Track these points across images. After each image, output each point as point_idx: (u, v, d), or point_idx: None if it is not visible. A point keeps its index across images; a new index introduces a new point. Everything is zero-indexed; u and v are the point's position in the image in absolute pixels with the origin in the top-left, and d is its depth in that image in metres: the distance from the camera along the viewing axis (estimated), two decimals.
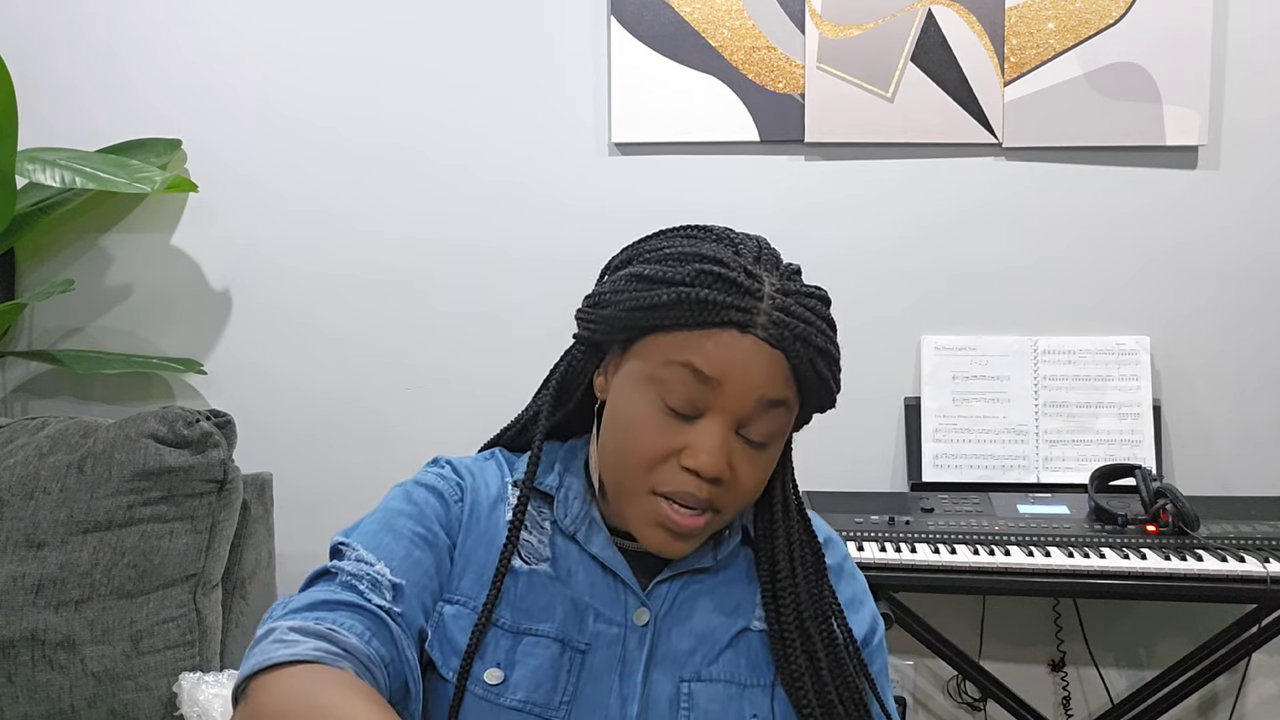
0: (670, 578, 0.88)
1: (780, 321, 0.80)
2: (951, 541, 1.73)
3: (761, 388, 0.80)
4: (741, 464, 0.82)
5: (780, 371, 0.81)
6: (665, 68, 2.05)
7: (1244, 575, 1.61)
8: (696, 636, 0.87)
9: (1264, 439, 2.02)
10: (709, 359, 0.79)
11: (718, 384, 0.79)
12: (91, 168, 1.90)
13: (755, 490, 0.84)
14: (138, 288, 2.23)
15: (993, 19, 2.00)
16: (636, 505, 0.83)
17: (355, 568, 0.80)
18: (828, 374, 0.83)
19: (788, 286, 0.82)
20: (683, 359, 0.80)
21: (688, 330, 0.80)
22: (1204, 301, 2.02)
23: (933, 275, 2.07)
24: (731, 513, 0.84)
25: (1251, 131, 1.99)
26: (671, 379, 0.80)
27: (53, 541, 1.61)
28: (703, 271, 0.80)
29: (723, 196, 2.08)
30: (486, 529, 0.88)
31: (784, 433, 0.85)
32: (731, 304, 0.79)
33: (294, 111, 2.16)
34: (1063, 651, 2.05)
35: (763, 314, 0.80)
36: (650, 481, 0.81)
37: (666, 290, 0.80)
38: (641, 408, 0.82)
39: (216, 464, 1.67)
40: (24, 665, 1.58)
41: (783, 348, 0.80)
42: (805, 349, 0.81)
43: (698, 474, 0.80)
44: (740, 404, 0.80)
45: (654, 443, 0.81)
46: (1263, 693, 2.05)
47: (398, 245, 2.16)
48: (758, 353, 0.80)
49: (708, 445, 0.80)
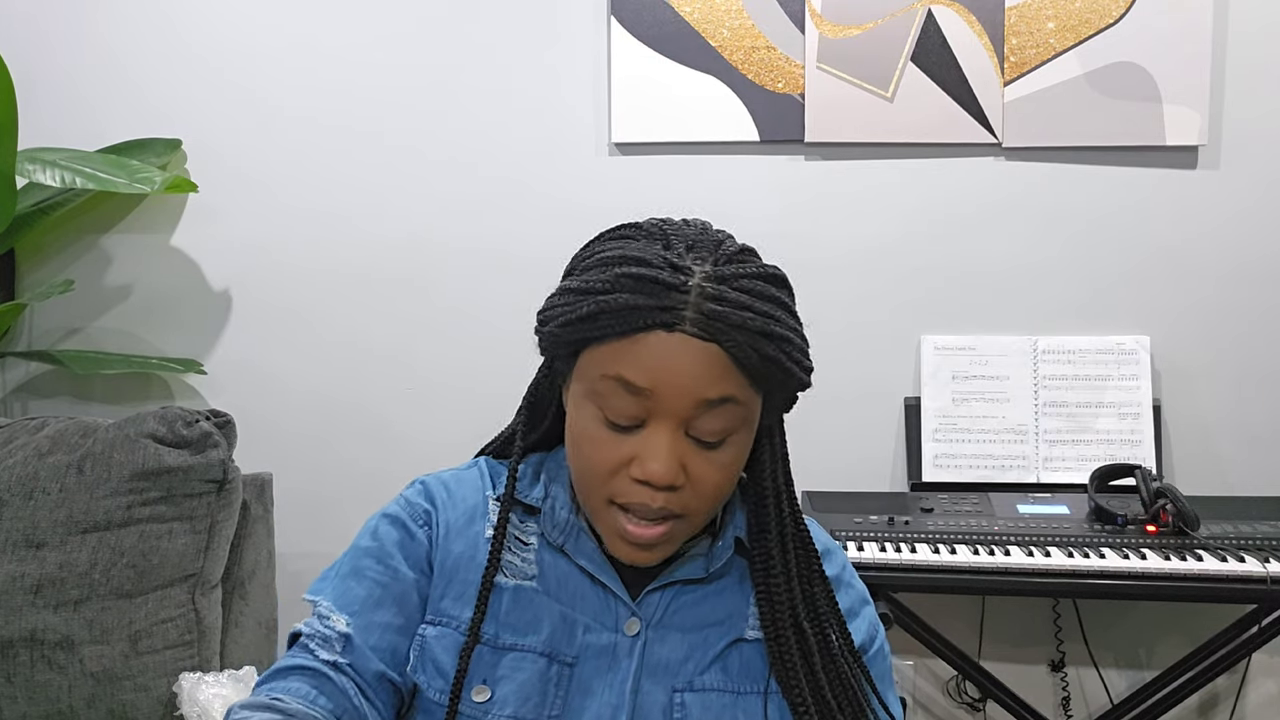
0: (662, 586, 0.87)
1: (711, 313, 0.76)
2: (951, 541, 1.73)
3: (698, 389, 0.76)
4: (697, 465, 0.79)
5: (718, 367, 0.76)
6: (665, 68, 2.05)
7: (1244, 575, 1.61)
8: (688, 645, 0.85)
9: (1264, 439, 2.02)
10: (637, 368, 0.76)
11: (651, 392, 0.76)
12: (91, 168, 1.90)
13: (719, 489, 0.81)
14: (138, 288, 2.23)
15: (993, 19, 2.00)
16: (599, 518, 0.82)
17: (312, 626, 0.84)
18: (778, 355, 0.78)
19: (722, 272, 0.78)
20: (613, 372, 0.77)
21: (616, 339, 0.77)
22: (1204, 301, 2.02)
23: (933, 275, 2.07)
24: (701, 515, 0.82)
25: (1251, 131, 1.99)
26: (607, 392, 0.78)
27: (52, 541, 1.60)
28: (623, 275, 0.77)
29: (723, 196, 2.08)
30: (465, 546, 0.88)
31: (742, 428, 0.80)
32: (653, 305, 0.76)
33: (294, 111, 2.16)
34: (1063, 651, 2.05)
35: (690, 308, 0.76)
36: (607, 493, 0.80)
37: (589, 301, 0.77)
38: (587, 423, 0.80)
39: (216, 464, 1.67)
40: (23, 665, 1.58)
41: (716, 340, 0.76)
42: (743, 336, 0.76)
43: (648, 483, 0.78)
44: (679, 408, 0.77)
45: (603, 457, 0.79)
46: (1263, 693, 2.05)
47: (398, 245, 2.16)
48: (687, 351, 0.76)
49: (653, 454, 0.77)
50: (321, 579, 0.88)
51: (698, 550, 0.88)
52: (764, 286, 0.79)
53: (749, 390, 0.79)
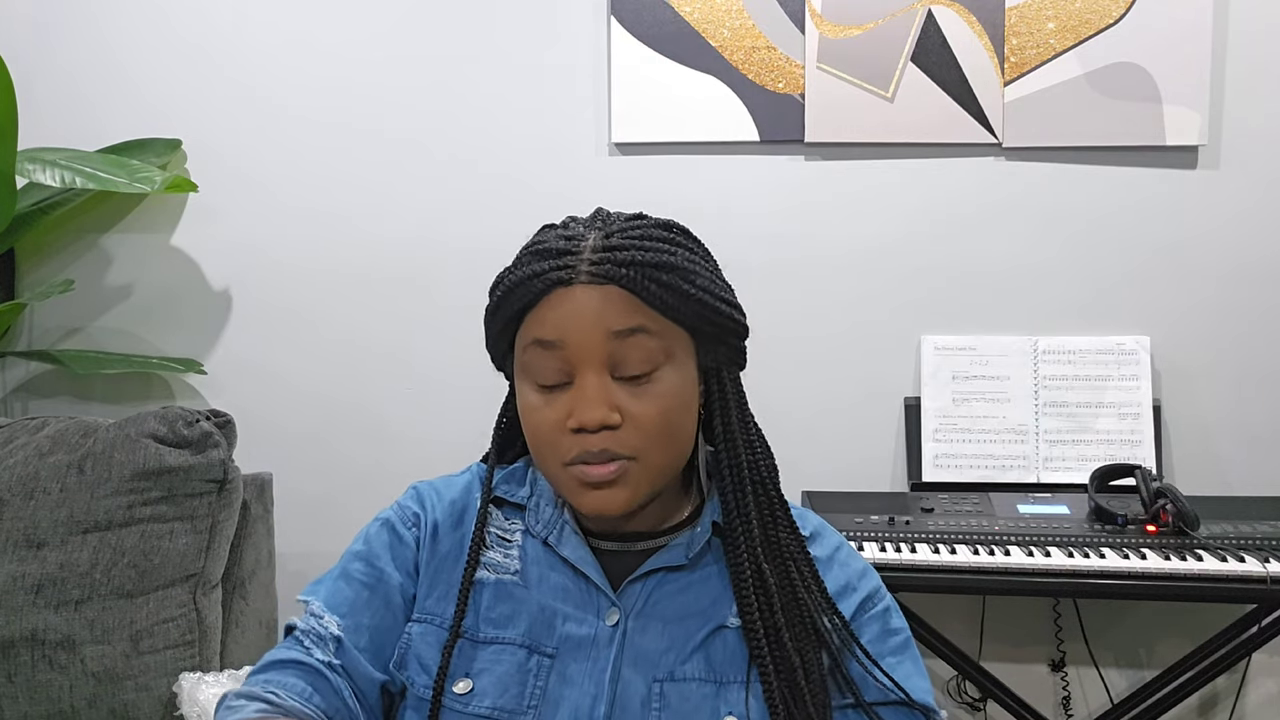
0: (643, 576, 0.88)
1: (601, 259, 0.82)
2: (951, 541, 1.73)
3: (601, 323, 0.81)
4: (629, 402, 0.82)
5: (618, 302, 0.82)
6: (665, 68, 2.05)
7: (1244, 575, 1.61)
8: (669, 636, 0.86)
9: (1264, 439, 2.02)
10: (545, 325, 0.82)
11: (563, 343, 0.82)
12: (91, 168, 1.90)
13: (659, 424, 0.83)
14: (138, 288, 2.23)
15: (993, 19, 2.00)
16: (561, 485, 0.85)
17: (307, 624, 0.87)
18: (677, 283, 0.82)
19: (611, 229, 0.85)
20: (529, 339, 0.84)
21: (528, 312, 0.84)
22: (1204, 301, 2.02)
23: (933, 275, 2.07)
24: (654, 456, 0.83)
25: (1251, 131, 1.99)
26: (532, 361, 0.84)
27: (53, 541, 1.60)
28: (525, 255, 0.86)
29: (723, 196, 2.08)
30: (451, 545, 0.91)
31: (666, 362, 0.83)
32: (549, 267, 0.82)
33: (294, 111, 2.16)
34: (1063, 651, 2.05)
35: (583, 263, 0.82)
36: (558, 456, 0.84)
37: (501, 288, 0.86)
38: (527, 397, 0.85)
39: (216, 464, 1.67)
40: (24, 665, 1.58)
41: (610, 279, 0.81)
42: (635, 270, 0.81)
43: (584, 429, 0.81)
44: (591, 349, 0.81)
45: (543, 421, 0.84)
46: (1263, 693, 2.05)
47: (398, 244, 2.16)
48: (587, 296, 0.81)
49: (581, 400, 0.81)
50: (318, 581, 0.92)
51: (678, 540, 0.89)
52: (657, 232, 0.85)
53: (662, 322, 0.83)
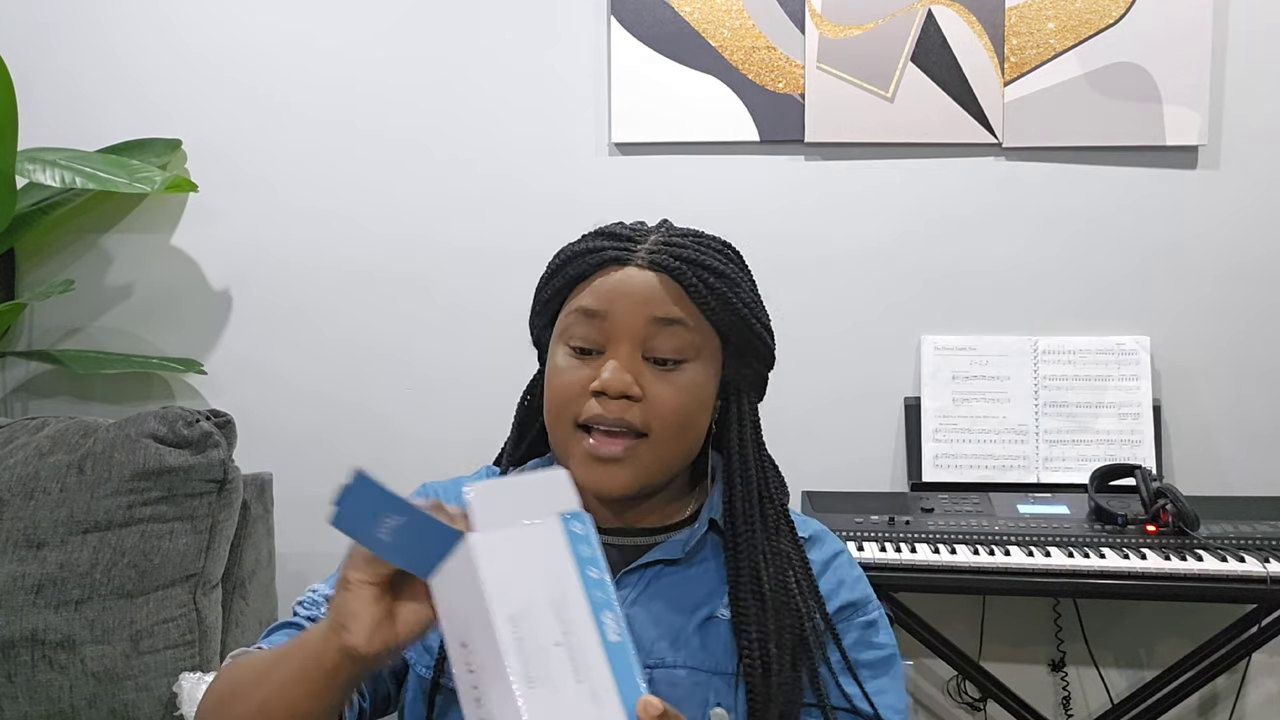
0: (640, 567, 0.89)
1: (660, 249, 0.88)
2: (951, 541, 1.73)
3: (647, 307, 0.86)
4: (652, 383, 0.85)
5: (666, 291, 0.86)
6: (665, 68, 2.05)
7: (1244, 575, 1.61)
8: (661, 625, 0.87)
9: (1264, 439, 2.02)
10: (593, 295, 0.87)
11: (605, 314, 0.86)
12: (91, 168, 1.90)
13: (677, 410, 0.86)
14: (138, 288, 2.23)
15: (993, 19, 2.00)
16: (568, 446, 0.87)
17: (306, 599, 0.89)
18: (724, 290, 0.87)
19: (677, 231, 0.91)
20: (574, 307, 0.88)
21: (580, 283, 0.89)
22: (1204, 301, 2.02)
23: (933, 275, 2.07)
24: (663, 440, 0.86)
25: (1251, 131, 1.99)
26: (571, 327, 0.88)
27: (53, 541, 1.60)
28: (588, 237, 0.92)
29: (723, 196, 2.08)
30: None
31: (697, 358, 0.87)
32: (608, 246, 0.88)
33: (294, 111, 2.16)
34: (1063, 651, 2.05)
35: (642, 248, 0.88)
36: (571, 414, 0.86)
37: (557, 259, 0.92)
38: (558, 360, 0.89)
39: (216, 464, 1.67)
40: (24, 665, 1.58)
41: (663, 268, 0.87)
42: (687, 266, 0.87)
43: (604, 393, 0.84)
44: (631, 327, 0.86)
45: (568, 382, 0.87)
46: (1263, 693, 2.05)
47: (398, 244, 2.16)
48: (638, 276, 0.87)
49: (610, 367, 0.85)
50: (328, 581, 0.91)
51: (678, 536, 0.91)
52: (715, 243, 0.92)
53: (700, 321, 0.88)
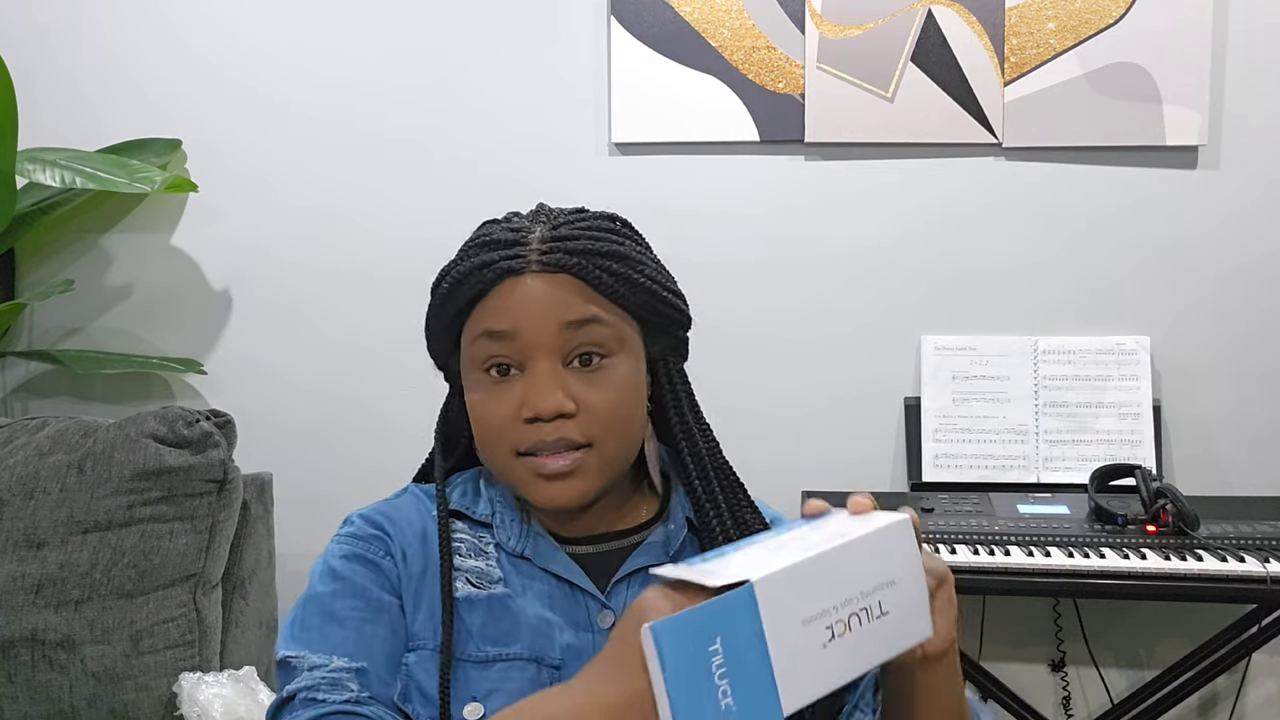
0: (628, 576, 0.87)
1: (551, 248, 0.82)
2: (951, 541, 1.73)
3: (555, 314, 0.81)
4: (583, 391, 0.82)
5: (572, 292, 0.82)
6: (665, 68, 2.05)
7: (1244, 575, 1.61)
8: None
9: (1264, 439, 2.02)
10: (496, 315, 0.82)
11: (514, 333, 0.81)
12: (91, 168, 1.90)
13: (613, 411, 0.82)
14: (138, 288, 2.23)
15: (993, 19, 2.00)
16: (513, 475, 0.84)
17: (310, 679, 0.77)
18: (628, 272, 0.83)
19: (558, 221, 0.85)
20: (480, 330, 0.83)
21: (478, 302, 0.83)
22: (1204, 301, 2.02)
23: (933, 275, 2.07)
24: (609, 444, 0.83)
25: (1251, 131, 1.99)
26: (480, 352, 0.83)
27: (53, 541, 1.61)
28: (470, 247, 0.85)
29: (723, 196, 2.08)
30: (425, 566, 0.86)
31: (619, 350, 0.83)
32: (498, 258, 0.82)
33: (294, 111, 2.16)
34: (1063, 651, 2.05)
35: (532, 251, 0.82)
36: (510, 445, 0.82)
37: (446, 280, 0.84)
38: (476, 389, 0.84)
39: (216, 464, 1.67)
40: (24, 665, 1.58)
41: (562, 267, 0.81)
42: (587, 259, 0.82)
43: (539, 419, 0.80)
44: (546, 339, 0.81)
45: (494, 411, 0.82)
46: (1263, 693, 2.05)
47: (398, 244, 2.16)
48: (539, 285, 0.81)
49: (534, 389, 0.81)
50: (288, 638, 0.82)
51: (654, 537, 0.89)
52: (602, 221, 0.86)
53: (613, 311, 0.83)
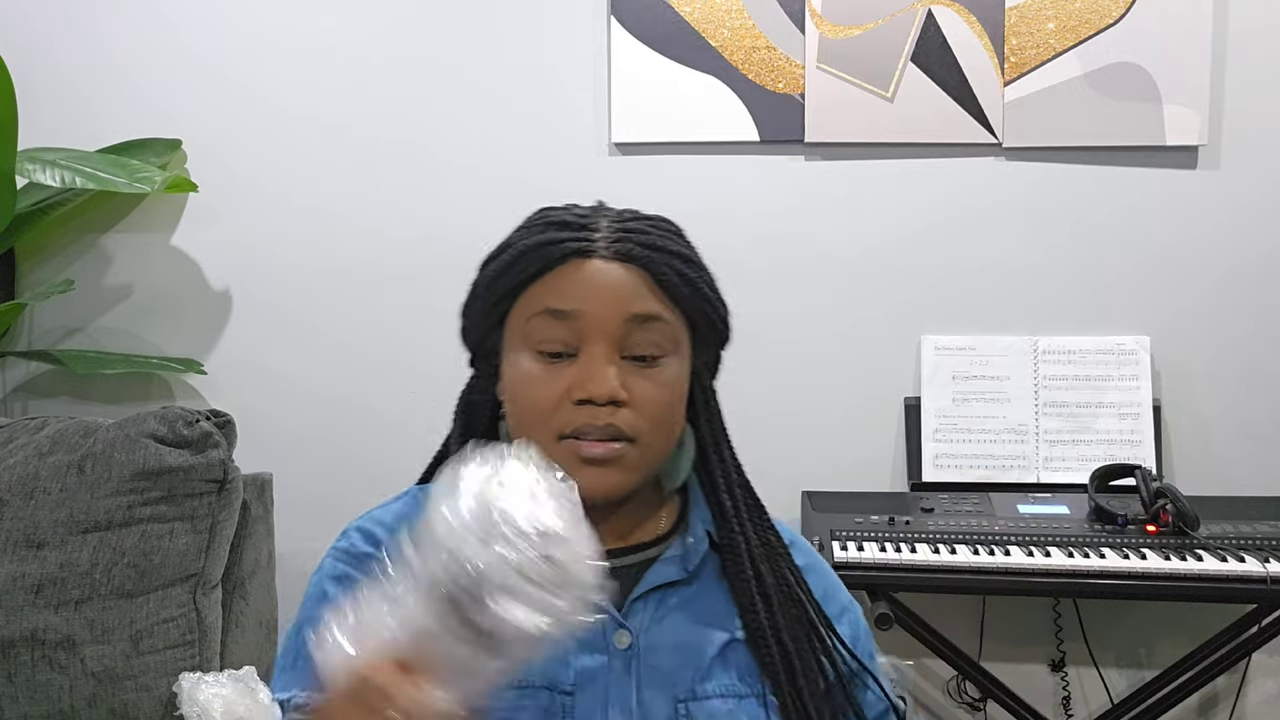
0: (645, 594, 0.84)
1: (623, 237, 0.81)
2: (951, 541, 1.73)
3: (623, 304, 0.79)
4: (636, 384, 0.80)
5: (639, 285, 0.80)
6: (665, 68, 2.05)
7: (1244, 575, 1.61)
8: (681, 651, 0.83)
9: (1264, 439, 2.01)
10: (561, 295, 0.80)
11: (578, 314, 0.79)
12: (91, 168, 1.90)
13: (661, 410, 0.81)
14: (138, 288, 2.22)
15: (993, 19, 2.00)
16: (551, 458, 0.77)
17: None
18: (695, 278, 0.82)
19: (625, 215, 0.84)
20: (539, 307, 0.81)
21: (538, 279, 0.82)
22: (1204, 301, 2.02)
23: (932, 275, 2.06)
24: (650, 441, 0.81)
25: (1251, 131, 1.99)
26: (537, 330, 0.81)
27: (53, 541, 1.61)
28: (533, 226, 0.84)
29: (723, 196, 2.08)
30: None
31: (674, 352, 0.82)
32: (566, 237, 0.81)
33: (294, 111, 2.16)
34: (1063, 651, 2.05)
35: (602, 237, 0.81)
36: (554, 428, 0.80)
37: (506, 254, 0.84)
38: (525, 367, 0.82)
39: (216, 464, 1.67)
40: (24, 665, 1.58)
41: (632, 258, 0.80)
42: (658, 255, 0.81)
43: (591, 401, 0.78)
44: (608, 327, 0.79)
45: (543, 392, 0.80)
46: (1263, 693, 2.05)
47: (398, 244, 2.16)
48: (608, 271, 0.80)
49: (591, 373, 0.79)
50: (280, 671, 0.81)
51: (672, 551, 0.86)
52: (669, 224, 0.85)
53: (674, 313, 0.82)
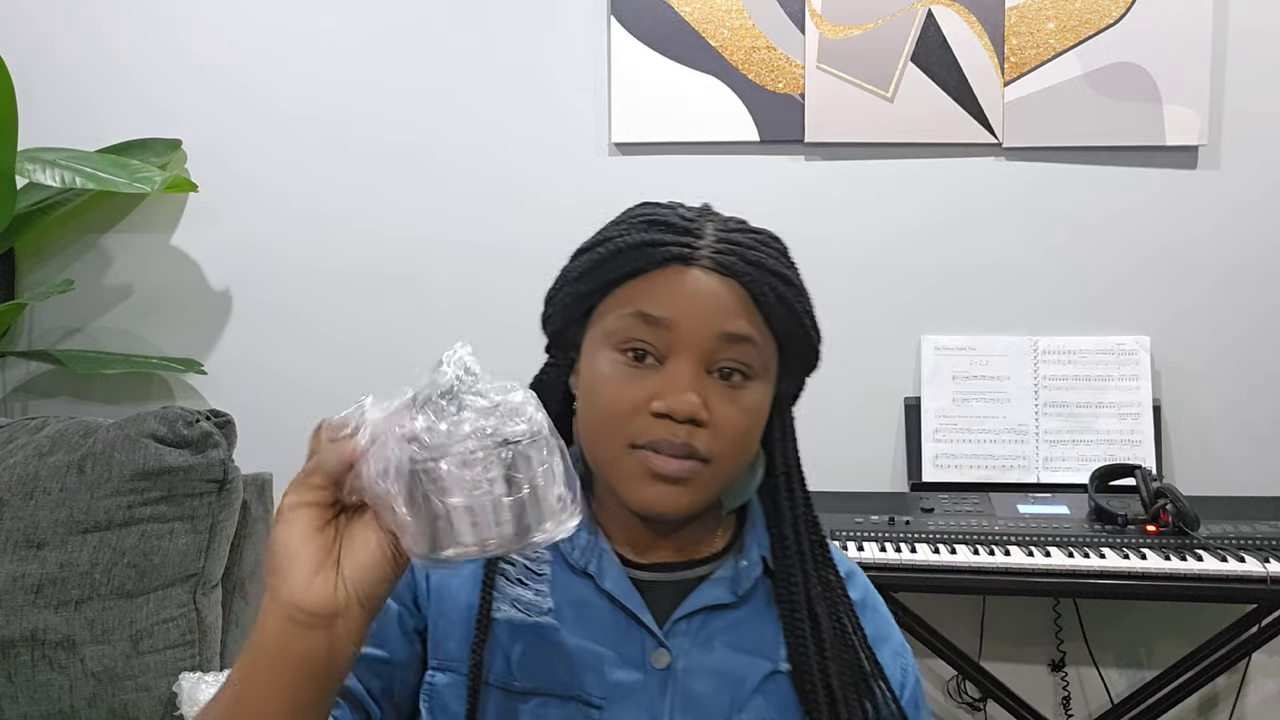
0: (689, 614, 0.80)
1: (726, 249, 0.77)
2: (951, 541, 1.73)
3: (718, 321, 0.76)
4: (719, 404, 0.76)
5: (737, 302, 0.77)
6: (665, 68, 2.05)
7: (1244, 575, 1.61)
8: (720, 678, 0.79)
9: (1264, 439, 2.02)
10: (656, 300, 0.76)
11: (670, 324, 0.75)
12: (91, 168, 1.90)
13: (741, 434, 0.77)
14: (138, 288, 2.23)
15: (993, 19, 2.00)
16: (618, 466, 0.77)
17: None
18: (793, 301, 0.78)
19: (731, 226, 0.81)
20: (631, 308, 0.77)
21: (633, 279, 0.78)
22: (1204, 301, 2.02)
23: (932, 275, 2.07)
24: (724, 465, 0.77)
25: (1251, 131, 1.99)
26: (624, 329, 0.77)
27: (53, 541, 1.60)
28: (637, 222, 0.80)
29: (723, 196, 2.05)
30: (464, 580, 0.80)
31: (761, 375, 0.78)
32: (669, 240, 0.77)
33: (294, 111, 2.16)
34: (1063, 651, 2.05)
35: (705, 246, 0.77)
36: (628, 435, 0.76)
37: (604, 247, 0.79)
38: (605, 367, 0.78)
39: (216, 464, 1.67)
40: (24, 665, 1.57)
41: (733, 273, 0.76)
42: (760, 273, 0.77)
43: (669, 416, 0.74)
44: (700, 341, 0.75)
45: (621, 395, 0.76)
46: (1263, 693, 2.05)
47: (398, 244, 2.16)
48: (707, 283, 0.76)
49: (675, 386, 0.75)
50: None
51: (723, 572, 0.82)
52: (773, 240, 0.82)
53: (766, 336, 0.78)
